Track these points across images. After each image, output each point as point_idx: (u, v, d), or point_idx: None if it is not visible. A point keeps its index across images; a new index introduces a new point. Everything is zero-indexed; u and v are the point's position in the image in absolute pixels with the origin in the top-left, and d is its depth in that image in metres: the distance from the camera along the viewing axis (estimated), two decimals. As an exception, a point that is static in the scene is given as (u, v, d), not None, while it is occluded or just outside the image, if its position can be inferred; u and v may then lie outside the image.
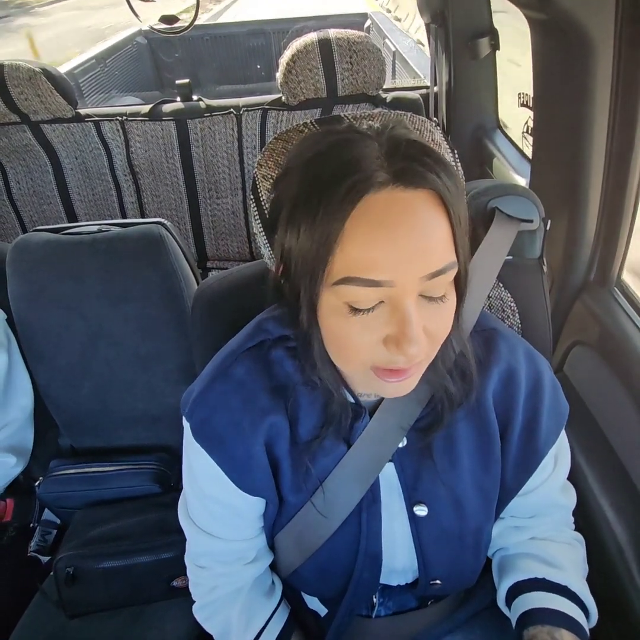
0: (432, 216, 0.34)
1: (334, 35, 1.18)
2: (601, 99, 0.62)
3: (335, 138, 0.36)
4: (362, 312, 0.35)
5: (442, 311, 0.37)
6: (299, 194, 0.35)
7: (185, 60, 2.79)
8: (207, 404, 0.45)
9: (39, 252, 0.80)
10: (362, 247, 0.34)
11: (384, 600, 0.55)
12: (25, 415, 0.86)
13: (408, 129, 0.37)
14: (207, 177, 1.45)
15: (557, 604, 0.48)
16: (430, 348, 0.38)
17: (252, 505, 0.48)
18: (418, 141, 0.35)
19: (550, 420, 0.47)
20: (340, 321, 0.37)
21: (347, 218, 0.33)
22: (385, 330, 0.36)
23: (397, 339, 0.35)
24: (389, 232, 0.33)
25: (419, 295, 0.36)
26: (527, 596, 0.50)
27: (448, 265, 0.35)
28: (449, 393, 0.44)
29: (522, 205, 0.56)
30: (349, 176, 0.33)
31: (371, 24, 2.61)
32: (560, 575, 0.50)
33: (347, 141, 0.35)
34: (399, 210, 0.33)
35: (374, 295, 0.35)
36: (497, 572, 0.55)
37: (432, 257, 0.34)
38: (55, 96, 1.28)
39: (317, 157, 0.35)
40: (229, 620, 0.51)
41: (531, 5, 0.63)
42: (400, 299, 0.35)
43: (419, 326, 0.35)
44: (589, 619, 0.50)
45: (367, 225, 0.33)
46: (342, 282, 0.35)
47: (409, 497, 0.48)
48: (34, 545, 0.87)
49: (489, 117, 1.26)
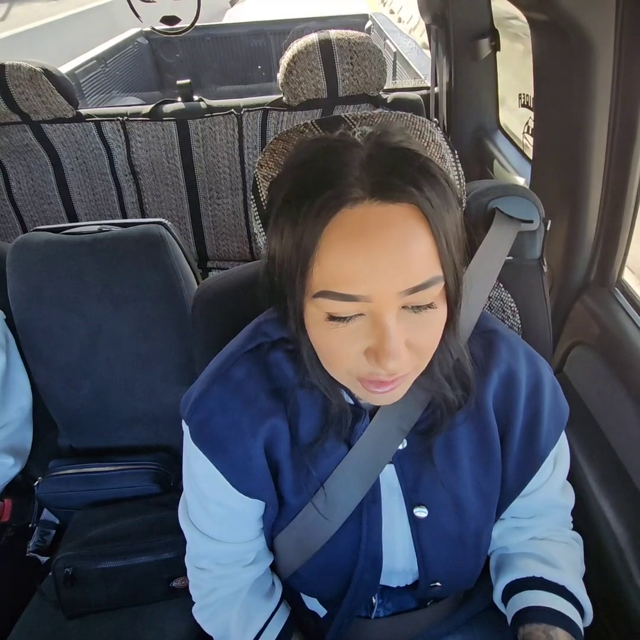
0: (410, 230, 0.33)
1: (335, 36, 1.18)
2: (601, 99, 0.62)
3: (320, 146, 0.35)
4: (341, 321, 0.35)
5: (428, 322, 0.36)
6: (283, 200, 0.35)
7: (186, 61, 2.79)
8: (205, 407, 0.45)
9: (39, 252, 0.80)
10: (338, 262, 0.33)
11: (384, 601, 0.55)
12: (23, 415, 0.86)
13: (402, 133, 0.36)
14: (208, 177, 1.45)
15: (553, 603, 0.49)
16: (417, 360, 0.38)
17: (251, 508, 0.48)
18: (403, 148, 0.34)
19: (550, 422, 0.47)
20: (322, 331, 0.37)
21: (322, 232, 0.33)
22: (366, 342, 0.36)
23: (376, 352, 0.35)
24: (364, 246, 0.33)
25: (402, 308, 0.35)
26: (524, 594, 0.50)
27: (431, 280, 0.34)
28: (447, 399, 0.44)
29: (522, 205, 0.56)
30: (325, 189, 0.33)
31: (372, 25, 2.61)
32: (557, 575, 0.50)
33: (330, 149, 0.34)
34: (374, 225, 0.33)
35: (353, 308, 0.35)
36: (495, 570, 0.55)
37: (411, 272, 0.33)
38: (56, 96, 1.28)
39: (302, 165, 0.35)
40: (229, 621, 0.51)
41: (532, 6, 0.63)
42: (379, 313, 0.34)
43: (398, 341, 0.35)
44: (584, 619, 0.50)
45: (342, 239, 0.33)
46: (320, 295, 0.35)
47: (409, 499, 0.48)
48: (33, 546, 0.87)
49: (489, 118, 1.26)
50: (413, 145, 0.35)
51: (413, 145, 0.35)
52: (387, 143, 0.34)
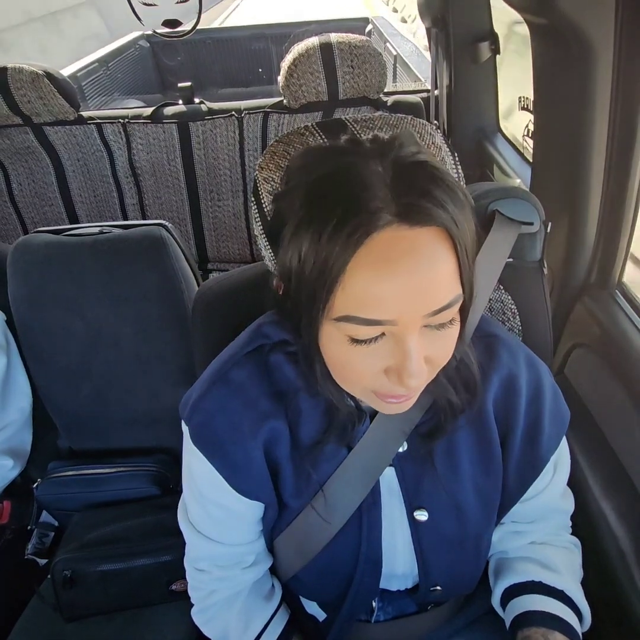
0: (437, 252, 0.33)
1: (336, 39, 1.19)
2: (601, 102, 0.62)
3: (339, 160, 0.34)
4: (363, 342, 0.35)
5: (445, 337, 0.36)
6: (303, 215, 0.34)
7: (187, 64, 2.80)
8: (205, 408, 0.45)
9: (40, 254, 0.80)
10: (364, 287, 0.33)
11: (384, 605, 0.55)
12: (23, 417, 0.86)
13: (416, 144, 0.35)
14: (209, 180, 1.46)
15: (552, 608, 0.49)
16: (432, 372, 0.38)
17: (251, 509, 0.48)
18: (426, 163, 0.33)
19: (551, 427, 0.47)
20: (341, 350, 0.36)
21: (350, 258, 0.32)
22: (387, 361, 0.36)
23: (399, 372, 0.35)
24: (391, 271, 0.32)
25: (423, 326, 0.35)
26: (523, 598, 0.50)
27: (453, 300, 0.34)
28: (450, 402, 0.44)
29: (522, 208, 0.56)
30: (352, 214, 0.32)
31: (372, 29, 2.62)
32: (556, 579, 0.50)
33: (348, 165, 0.33)
34: (402, 250, 0.32)
35: (376, 331, 0.35)
36: (493, 574, 0.55)
37: (437, 295, 0.34)
38: (58, 98, 1.29)
39: (321, 181, 0.34)
40: (228, 624, 0.51)
41: (531, 10, 0.63)
42: (402, 335, 0.34)
43: (420, 359, 0.35)
44: (583, 623, 0.50)
45: (370, 264, 0.32)
46: (342, 320, 0.34)
47: (409, 502, 0.47)
48: (31, 548, 0.87)
49: (489, 121, 1.26)
50: (429, 156, 0.35)
51: (429, 156, 0.35)
52: (406, 157, 0.34)
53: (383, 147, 0.34)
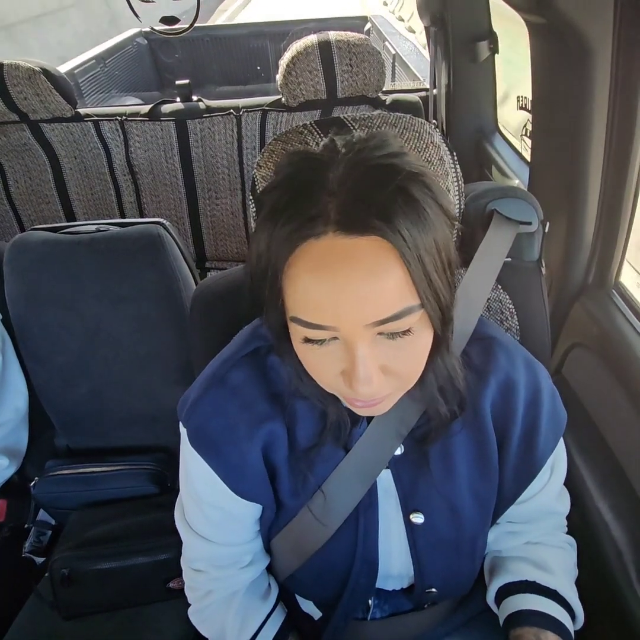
0: (378, 263, 0.32)
1: (334, 38, 1.19)
2: (599, 102, 0.62)
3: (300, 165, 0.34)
4: (316, 343, 0.35)
5: (406, 346, 0.35)
6: (262, 218, 0.35)
7: (185, 61, 2.79)
8: (203, 411, 0.45)
9: (37, 251, 0.80)
10: (303, 292, 0.33)
11: (380, 602, 0.55)
12: (19, 416, 0.86)
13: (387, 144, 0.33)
14: (207, 178, 1.45)
15: (545, 607, 0.49)
16: (397, 382, 0.37)
17: (248, 510, 0.48)
18: (380, 166, 0.32)
19: (548, 430, 0.47)
20: (300, 348, 0.37)
21: (287, 261, 0.33)
22: (341, 365, 0.36)
23: (350, 377, 0.35)
24: (327, 279, 0.32)
25: (377, 334, 0.34)
26: (516, 598, 0.50)
27: (403, 311, 0.33)
28: (440, 412, 0.44)
29: (520, 207, 0.56)
30: (294, 220, 0.32)
31: (371, 27, 2.62)
32: (550, 579, 0.50)
33: (305, 169, 0.33)
34: (338, 257, 0.32)
35: (325, 334, 0.34)
36: (488, 572, 0.55)
37: (379, 305, 0.32)
38: (55, 95, 1.28)
39: (280, 183, 0.34)
40: (224, 623, 0.51)
41: (530, 9, 0.63)
42: (350, 341, 0.34)
43: (370, 368, 0.34)
44: (575, 623, 0.50)
45: (307, 270, 0.33)
46: (292, 320, 0.35)
47: (405, 504, 0.47)
48: (29, 546, 0.87)
49: (488, 120, 1.26)
50: (398, 159, 0.33)
51: (398, 159, 0.33)
52: (366, 161, 0.32)
53: (349, 149, 0.34)
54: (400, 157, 0.33)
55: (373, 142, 0.34)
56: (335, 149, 0.34)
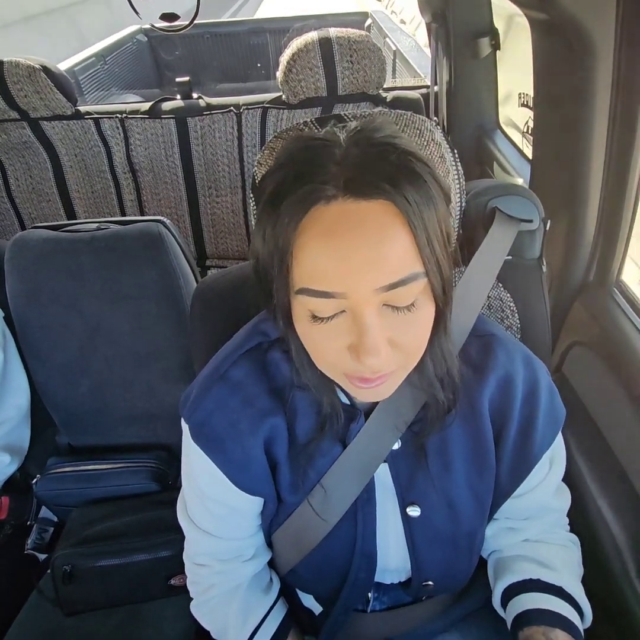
0: (386, 227, 0.33)
1: (335, 34, 1.18)
2: (601, 99, 0.62)
3: (302, 145, 0.35)
4: (323, 320, 0.35)
5: (411, 321, 0.36)
6: (264, 201, 0.35)
7: (185, 58, 2.78)
8: (205, 406, 0.45)
9: (38, 249, 0.80)
10: (312, 259, 0.33)
11: (379, 595, 0.55)
12: (21, 414, 0.86)
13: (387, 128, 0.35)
14: (207, 176, 1.45)
15: (551, 605, 0.48)
16: (402, 359, 0.38)
17: (250, 505, 0.48)
18: (382, 142, 0.34)
19: (545, 426, 0.47)
20: (306, 327, 0.37)
21: (297, 229, 0.33)
22: (348, 338, 0.36)
23: (357, 349, 0.35)
24: (337, 244, 0.33)
25: (383, 305, 0.35)
26: (522, 597, 0.50)
27: (409, 277, 0.34)
28: (438, 400, 0.44)
29: (521, 205, 0.56)
30: (300, 187, 0.33)
31: (372, 23, 2.60)
32: (554, 576, 0.50)
33: (310, 148, 0.34)
34: (347, 222, 0.33)
35: (333, 305, 0.35)
36: (492, 575, 0.55)
37: (387, 269, 0.33)
38: (55, 93, 1.28)
39: (282, 166, 0.35)
40: (227, 616, 0.51)
41: (532, 5, 0.63)
42: (358, 309, 0.34)
43: (378, 337, 0.34)
44: (584, 620, 0.50)
45: (317, 237, 0.33)
46: (300, 292, 0.35)
47: (402, 498, 0.48)
48: (31, 543, 0.87)
49: (489, 117, 1.26)
50: (396, 140, 0.34)
51: (396, 140, 0.34)
52: (368, 139, 0.34)
53: (352, 131, 0.35)
54: (397, 138, 0.35)
55: (372, 125, 0.35)
56: (336, 133, 0.35)
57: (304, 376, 0.43)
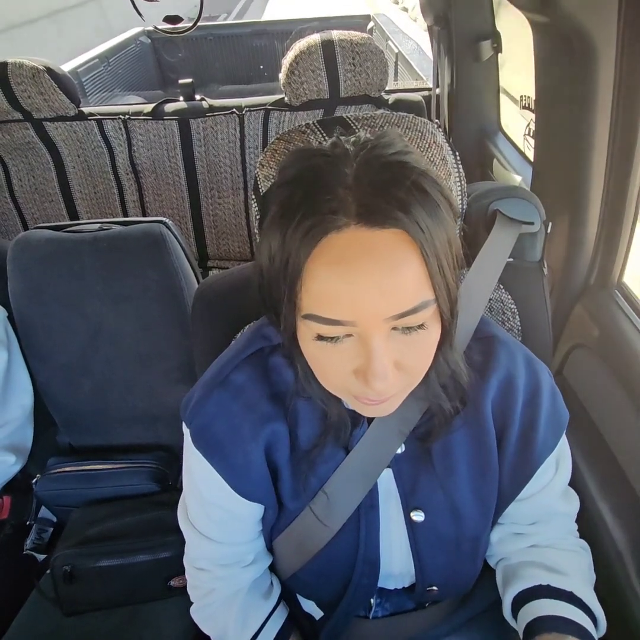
0: (398, 256, 0.32)
1: (337, 37, 1.18)
2: (603, 102, 0.62)
3: (311, 162, 0.34)
4: (329, 340, 0.35)
5: (419, 342, 0.35)
6: (272, 217, 0.35)
7: (188, 60, 2.79)
8: (206, 411, 0.45)
9: (40, 250, 0.80)
10: (322, 287, 0.33)
11: (382, 601, 0.55)
12: (25, 414, 0.86)
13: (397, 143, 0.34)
14: (209, 177, 1.45)
15: (562, 611, 0.47)
16: (407, 379, 0.38)
17: (251, 511, 0.48)
18: (394, 163, 0.33)
19: (548, 429, 0.47)
20: (313, 349, 0.37)
21: (307, 258, 0.33)
22: (355, 362, 0.36)
23: (365, 373, 0.35)
24: (348, 272, 0.32)
25: (392, 329, 0.35)
26: (533, 604, 0.49)
27: (420, 305, 0.33)
28: (443, 409, 0.44)
29: (523, 207, 0.56)
30: (311, 214, 0.32)
31: (374, 26, 2.61)
32: (564, 582, 0.49)
33: (318, 167, 0.33)
34: (359, 251, 0.32)
35: (340, 330, 0.34)
36: (502, 583, 0.53)
37: (399, 299, 0.33)
38: (58, 94, 1.28)
39: (289, 183, 0.34)
40: (227, 621, 0.51)
41: (533, 8, 0.63)
42: (366, 336, 0.34)
43: (386, 362, 0.34)
44: (598, 628, 0.48)
45: (327, 264, 0.32)
46: (307, 318, 0.35)
47: (406, 502, 0.47)
48: (30, 543, 0.87)
49: (490, 120, 1.26)
50: (407, 157, 0.33)
51: (407, 157, 0.33)
52: (378, 158, 0.33)
53: (360, 147, 0.34)
54: (409, 155, 0.34)
55: (382, 140, 0.34)
56: (344, 147, 0.35)
57: (310, 389, 0.42)
